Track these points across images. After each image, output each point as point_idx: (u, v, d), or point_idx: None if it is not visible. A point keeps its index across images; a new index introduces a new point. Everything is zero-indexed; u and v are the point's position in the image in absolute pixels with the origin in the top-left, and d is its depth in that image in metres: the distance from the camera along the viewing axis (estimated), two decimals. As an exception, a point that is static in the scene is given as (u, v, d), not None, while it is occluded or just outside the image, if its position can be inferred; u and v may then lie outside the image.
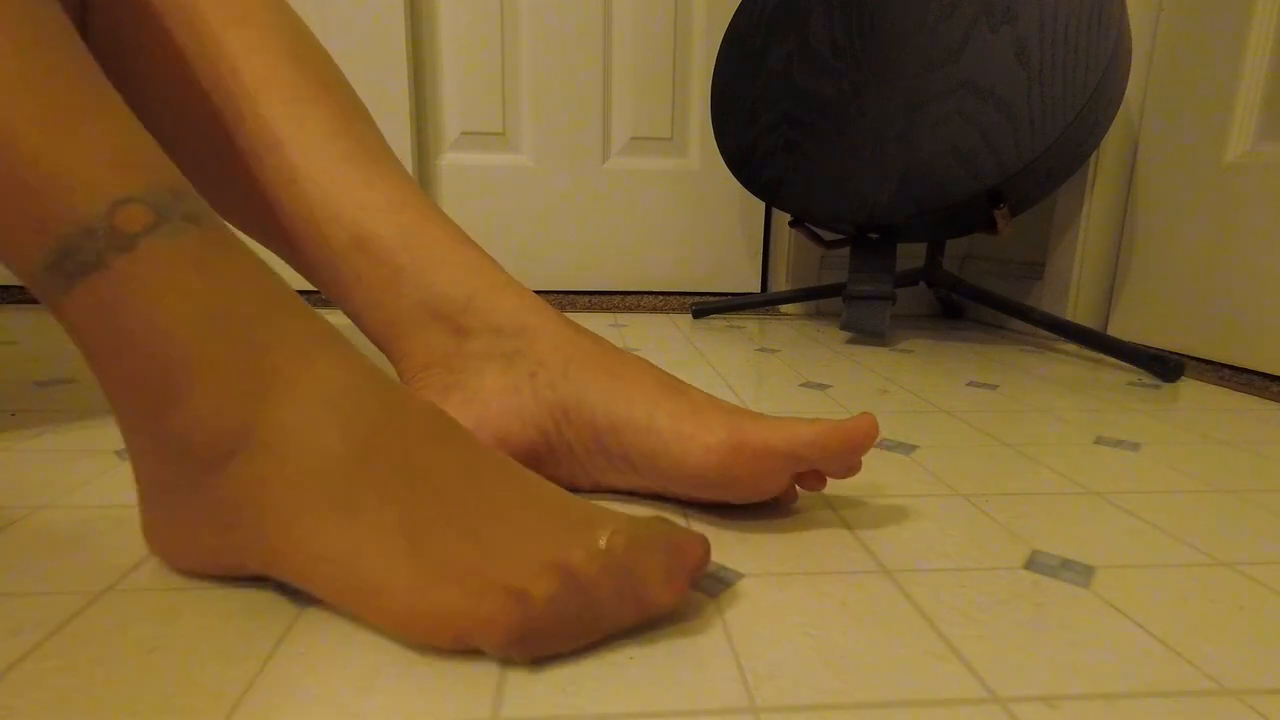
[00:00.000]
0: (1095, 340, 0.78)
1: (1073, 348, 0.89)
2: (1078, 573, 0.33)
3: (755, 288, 1.21)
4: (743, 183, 0.93)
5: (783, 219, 1.15)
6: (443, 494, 0.28)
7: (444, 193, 1.12)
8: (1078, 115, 0.70)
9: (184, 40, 0.40)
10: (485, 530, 0.27)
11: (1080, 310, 0.92)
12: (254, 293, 0.28)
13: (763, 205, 1.18)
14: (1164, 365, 0.71)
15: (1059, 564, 0.33)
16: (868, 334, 0.86)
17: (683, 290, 1.21)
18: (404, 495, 0.27)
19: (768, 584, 0.31)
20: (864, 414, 0.34)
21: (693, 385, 0.38)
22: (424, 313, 0.40)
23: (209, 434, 0.27)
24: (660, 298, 1.18)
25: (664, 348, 0.82)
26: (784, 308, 1.14)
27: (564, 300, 1.15)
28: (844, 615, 0.29)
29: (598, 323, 0.99)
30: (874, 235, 0.89)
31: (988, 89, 0.75)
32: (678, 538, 0.28)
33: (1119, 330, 0.90)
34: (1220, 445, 0.52)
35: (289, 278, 0.89)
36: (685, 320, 1.03)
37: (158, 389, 0.27)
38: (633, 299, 1.17)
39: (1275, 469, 0.47)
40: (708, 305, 1.03)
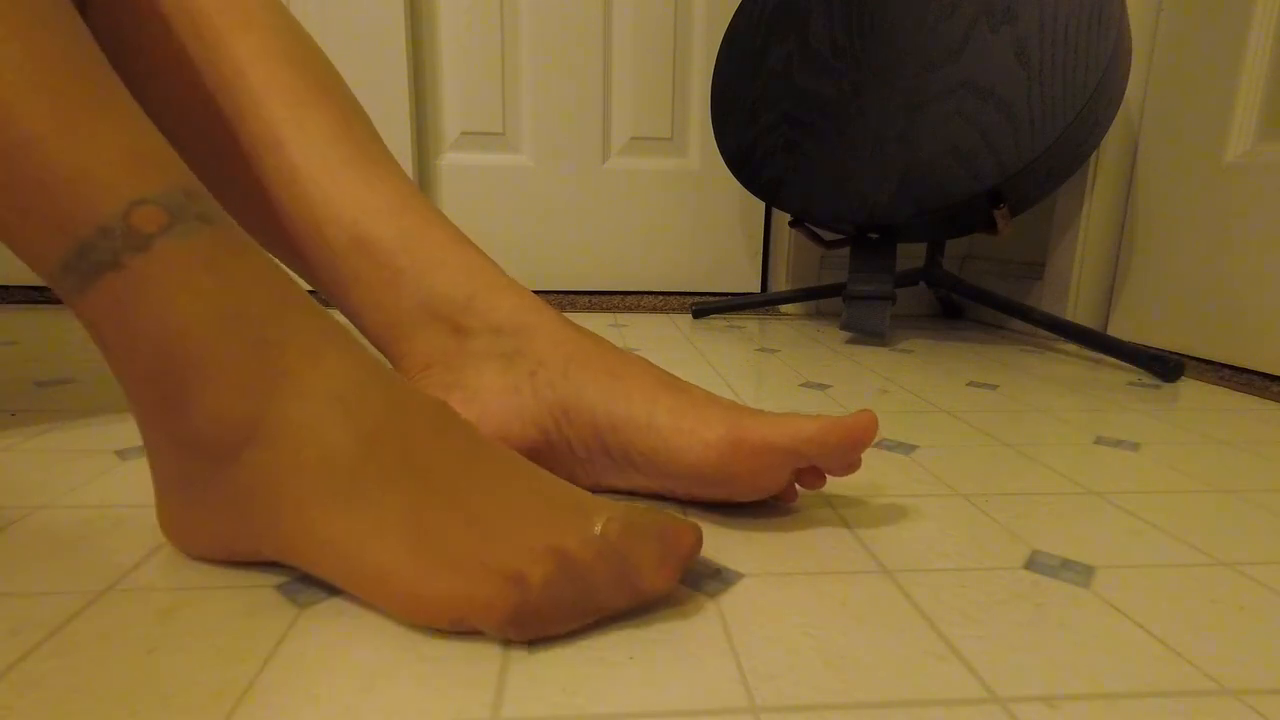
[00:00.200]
0: (1095, 340, 0.78)
1: (1073, 348, 0.89)
2: (1078, 573, 0.33)
3: (755, 288, 1.21)
4: (743, 183, 0.93)
5: (783, 219, 1.15)
6: (445, 484, 0.28)
7: (444, 193, 1.12)
8: (1078, 115, 0.70)
9: (186, 42, 0.40)
10: (485, 517, 0.28)
11: (1080, 310, 0.92)
12: (264, 291, 0.28)
13: (763, 205, 1.18)
14: (1164, 365, 0.72)
15: (1059, 564, 0.33)
16: (868, 334, 0.86)
17: (683, 290, 1.21)
18: (408, 485, 0.28)
19: (768, 584, 0.31)
20: (864, 411, 0.34)
21: (693, 384, 0.38)
22: (424, 313, 0.40)
23: (222, 428, 0.27)
24: (660, 298, 1.18)
25: (664, 348, 0.82)
26: (784, 308, 1.14)
27: (564, 300, 1.15)
28: (844, 615, 0.29)
29: (598, 323, 0.99)
30: (874, 235, 0.89)
31: (988, 89, 0.75)
32: (670, 525, 0.29)
33: (1119, 330, 0.90)
34: (1220, 445, 0.52)
35: (289, 278, 0.89)
36: (685, 320, 1.03)
37: (172, 385, 0.27)
38: (633, 299, 1.17)
39: (1275, 469, 0.47)
40: (708, 305, 1.03)
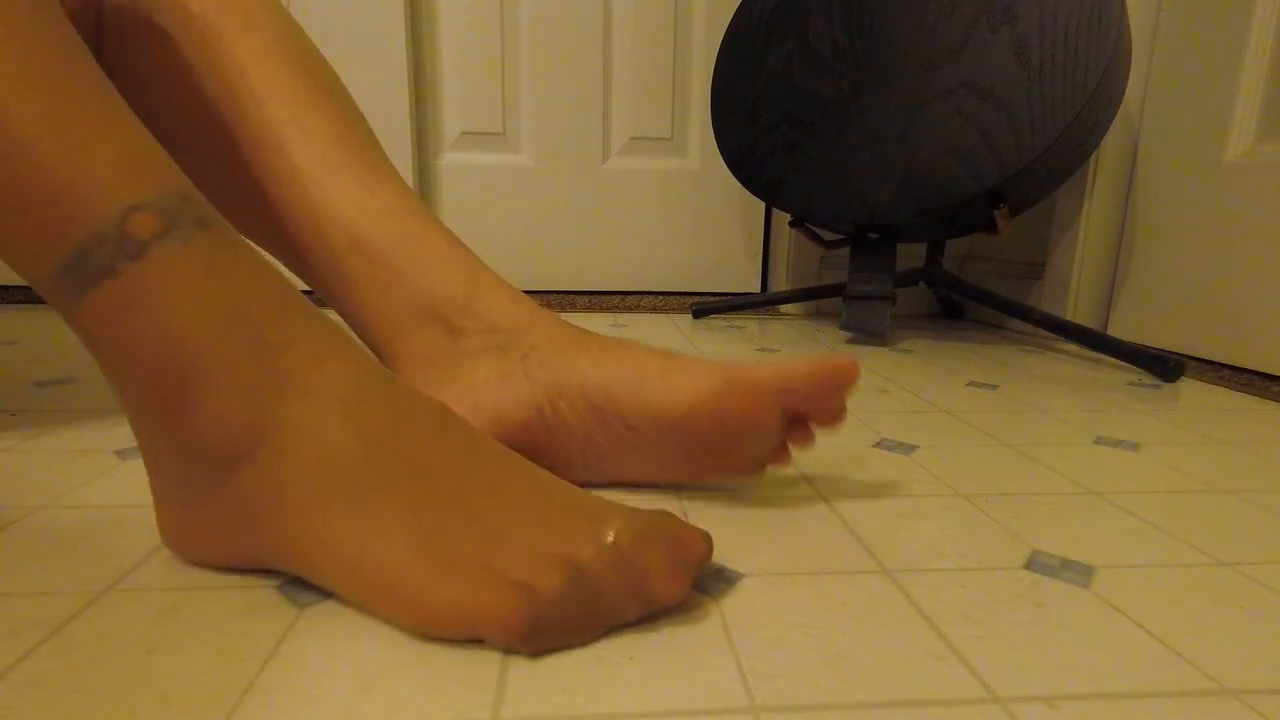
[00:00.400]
0: (1095, 340, 0.78)
1: (1073, 348, 0.89)
2: (1078, 573, 0.33)
3: (755, 288, 1.21)
4: (743, 183, 0.93)
5: (783, 219, 1.15)
6: (451, 489, 0.28)
7: (444, 193, 1.12)
8: (1078, 115, 0.70)
9: (188, 44, 0.41)
10: (493, 524, 0.28)
11: (1080, 310, 0.92)
12: (264, 295, 0.28)
13: (763, 205, 1.18)
14: (1164, 365, 0.71)
15: (1059, 564, 0.33)
16: (868, 334, 0.86)
17: (683, 290, 1.21)
18: (413, 491, 0.27)
19: (768, 584, 0.31)
20: (845, 354, 0.35)
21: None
22: (420, 314, 0.41)
23: (224, 435, 0.27)
24: (660, 298, 1.18)
25: (664, 348, 0.82)
26: (784, 308, 1.14)
27: (564, 300, 1.15)
28: (844, 615, 0.29)
29: (598, 323, 0.99)
30: (874, 235, 0.89)
31: (988, 89, 0.75)
32: (681, 533, 0.29)
33: (1119, 330, 0.90)
34: (1220, 445, 0.52)
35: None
36: (685, 320, 1.03)
37: (172, 392, 0.27)
38: (633, 299, 1.17)
39: (1275, 469, 0.47)
40: (708, 305, 1.03)
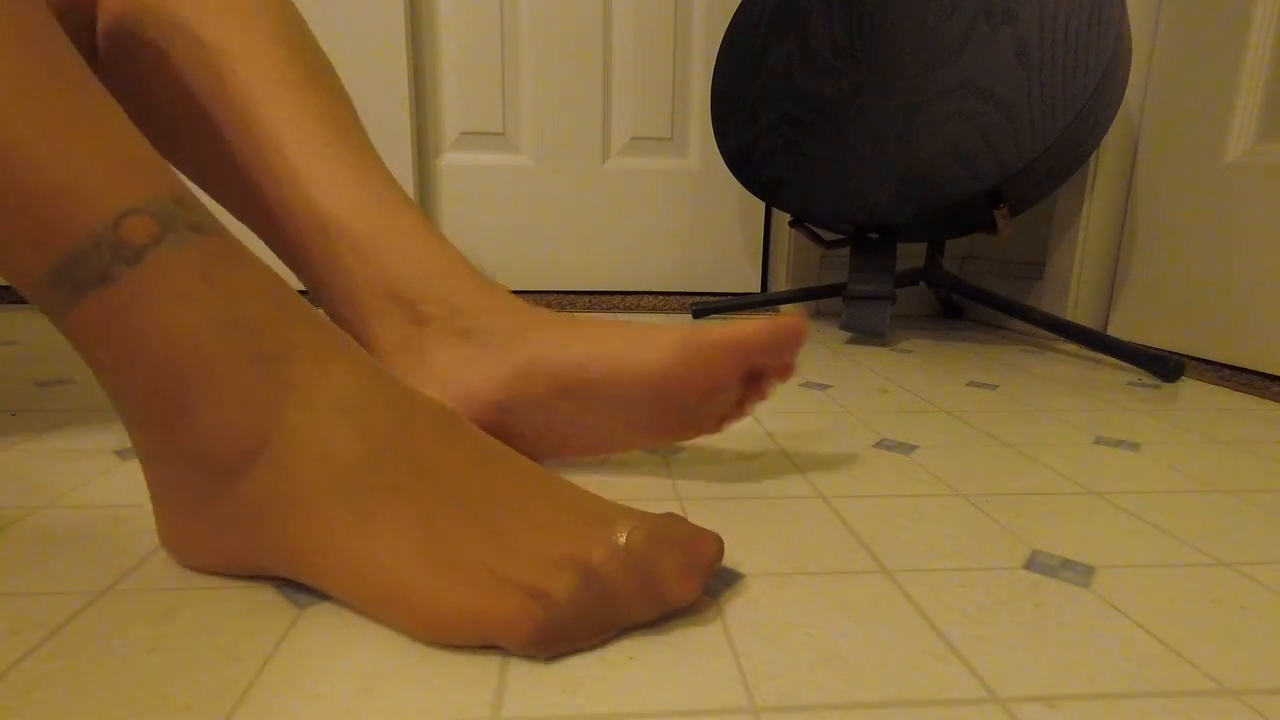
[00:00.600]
0: (1095, 340, 0.78)
1: (1073, 348, 0.89)
2: (1078, 573, 0.33)
3: (755, 288, 1.21)
4: (743, 183, 0.93)
5: (783, 219, 1.15)
6: (459, 494, 0.28)
7: (444, 193, 1.12)
8: (1078, 115, 0.70)
9: (168, 17, 0.41)
10: (503, 528, 0.27)
11: (1080, 310, 0.92)
12: (263, 301, 0.28)
13: (763, 205, 1.18)
14: (1164, 365, 0.71)
15: (1059, 564, 0.33)
16: (868, 334, 0.86)
17: (683, 290, 1.21)
18: (420, 497, 0.27)
19: (768, 584, 0.31)
20: (794, 314, 0.37)
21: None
22: (387, 299, 0.42)
23: (225, 445, 0.27)
24: (660, 298, 1.18)
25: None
26: (784, 308, 1.14)
27: (564, 300, 1.15)
28: (844, 615, 0.29)
29: (598, 323, 0.99)
30: (874, 235, 0.89)
31: (988, 89, 0.75)
32: (693, 534, 0.29)
33: (1119, 330, 0.90)
34: (1220, 445, 0.52)
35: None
36: (685, 320, 1.03)
37: (170, 401, 0.26)
38: (633, 299, 1.17)
39: (1275, 469, 0.47)
40: (708, 305, 1.03)
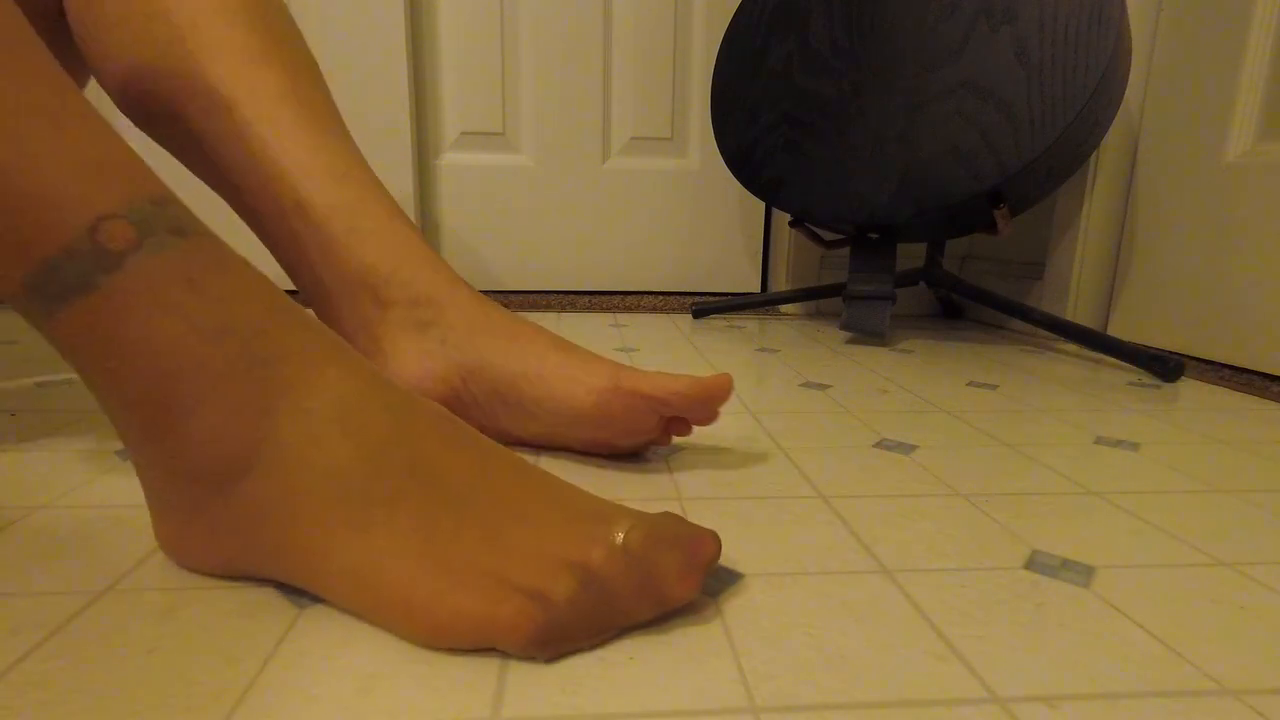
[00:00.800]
0: (1095, 340, 0.78)
1: (1073, 348, 0.89)
2: (1078, 573, 0.33)
3: (755, 288, 1.21)
4: (743, 183, 0.93)
5: (783, 219, 1.15)
6: (457, 497, 0.28)
7: (444, 193, 1.12)
8: (1078, 115, 0.70)
9: None
10: (501, 530, 0.27)
11: (1080, 310, 0.92)
12: (250, 306, 0.27)
13: (763, 205, 1.18)
14: (1164, 365, 0.71)
15: (1059, 564, 0.33)
16: (868, 334, 0.86)
17: (683, 290, 1.21)
18: (419, 502, 0.27)
19: (768, 584, 0.31)
20: (722, 374, 0.41)
21: (579, 345, 0.45)
22: (352, 282, 0.44)
23: (218, 454, 0.26)
24: (660, 298, 1.18)
25: (664, 348, 0.82)
26: (784, 308, 1.14)
27: (564, 300, 1.15)
28: (844, 615, 0.29)
29: (598, 323, 0.99)
30: (874, 235, 0.89)
31: (988, 89, 0.75)
32: (691, 533, 0.28)
33: (1119, 330, 0.90)
34: (1220, 445, 0.52)
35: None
36: (685, 320, 1.03)
37: (159, 412, 0.26)
38: (633, 299, 1.17)
39: (1275, 469, 0.47)
40: (708, 305, 1.03)
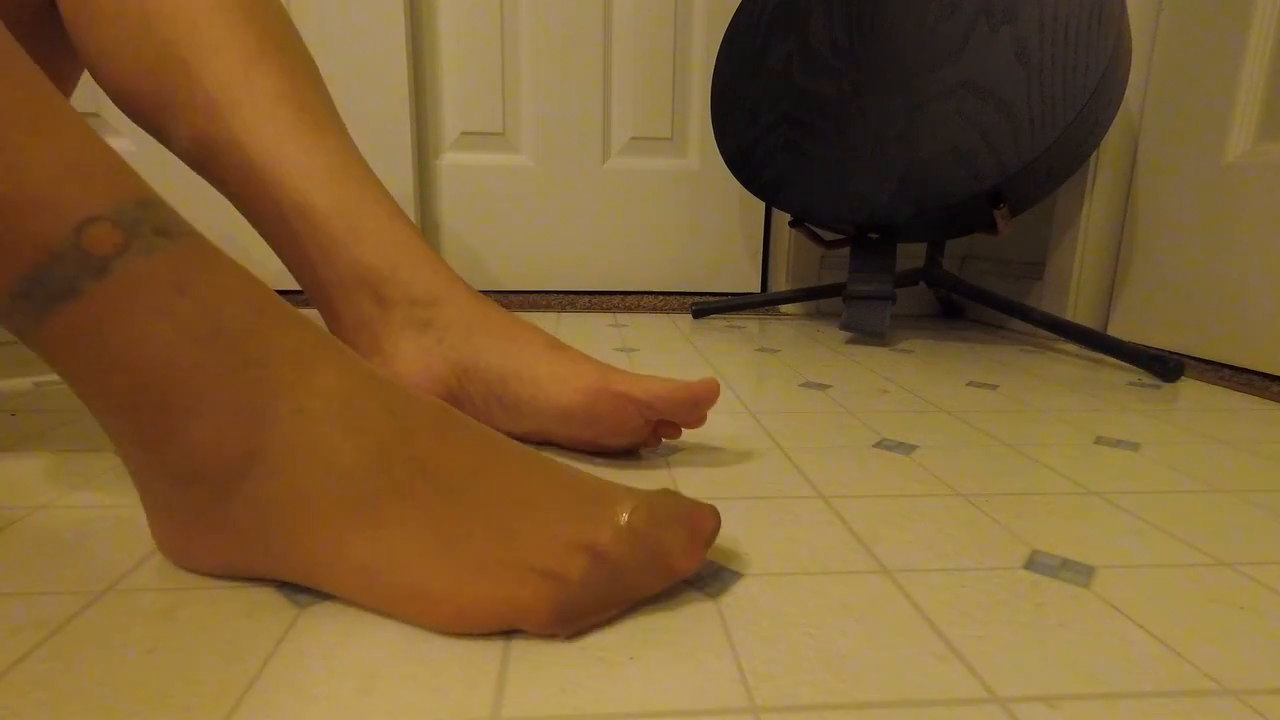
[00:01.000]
0: (1095, 340, 0.78)
1: (1073, 348, 0.89)
2: (1078, 573, 0.33)
3: (755, 288, 1.21)
4: (743, 183, 0.93)
5: (783, 219, 1.15)
6: (463, 488, 0.28)
7: (444, 193, 1.12)
8: (1078, 115, 0.70)
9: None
10: (510, 517, 0.28)
11: (1080, 310, 0.92)
12: (240, 307, 0.27)
13: (763, 205, 1.18)
14: (1164, 365, 0.71)
15: (1059, 564, 0.33)
16: (868, 334, 0.86)
17: (683, 290, 1.21)
18: (426, 496, 0.27)
19: (768, 584, 0.31)
20: (709, 378, 0.42)
21: (572, 346, 0.46)
22: (353, 281, 0.45)
23: (217, 458, 0.26)
24: (660, 298, 1.18)
25: (664, 348, 0.82)
26: (784, 308, 1.14)
27: (564, 300, 1.15)
28: (844, 615, 0.29)
29: (598, 323, 0.99)
30: (874, 235, 0.89)
31: (988, 89, 0.75)
32: (692, 509, 0.30)
33: (1119, 330, 0.90)
34: (1220, 445, 0.52)
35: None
36: (685, 320, 1.03)
37: (154, 418, 0.26)
38: (633, 299, 1.17)
39: (1275, 469, 0.47)
40: (708, 305, 1.03)
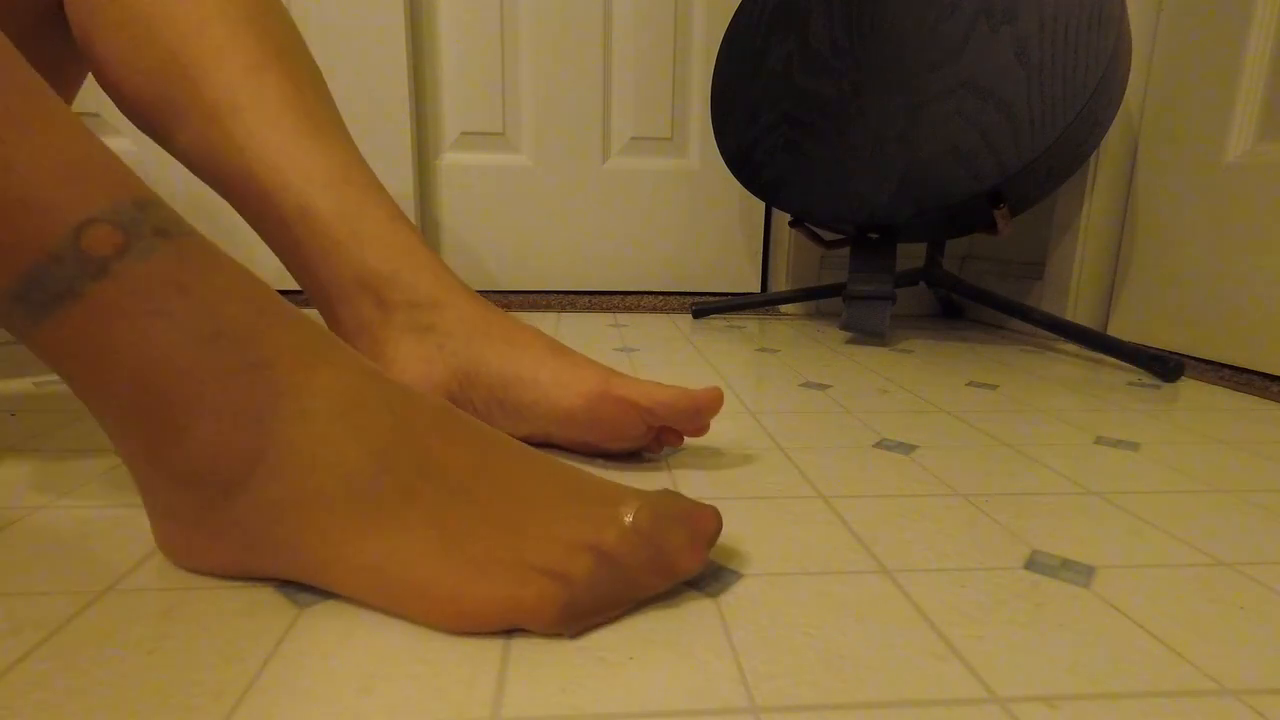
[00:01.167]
0: (1095, 340, 0.78)
1: (1073, 348, 0.89)
2: (1078, 573, 0.33)
3: (755, 288, 1.21)
4: (743, 183, 0.93)
5: (783, 219, 1.15)
6: (467, 487, 0.28)
7: (444, 193, 1.12)
8: (1078, 115, 0.70)
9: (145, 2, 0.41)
10: (515, 517, 0.28)
11: (1080, 310, 0.92)
12: (241, 308, 0.27)
13: (763, 205, 1.18)
14: (1164, 365, 0.71)
15: (1059, 564, 0.33)
16: (868, 334, 0.86)
17: (683, 290, 1.21)
18: (430, 496, 0.27)
19: (768, 584, 0.31)
20: (713, 387, 0.42)
21: (575, 350, 0.45)
22: (354, 285, 0.44)
23: (219, 461, 0.26)
24: (660, 298, 1.18)
25: (664, 348, 0.82)
26: (784, 308, 1.14)
27: (564, 300, 1.15)
28: (844, 615, 0.29)
29: (598, 323, 0.99)
30: (874, 235, 0.89)
31: (988, 89, 0.75)
32: (693, 509, 0.30)
33: (1119, 330, 0.90)
34: (1220, 445, 0.52)
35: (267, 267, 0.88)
36: (685, 320, 1.03)
37: (157, 420, 0.26)
38: (633, 299, 1.17)
39: (1275, 469, 0.47)
40: (708, 305, 1.03)
